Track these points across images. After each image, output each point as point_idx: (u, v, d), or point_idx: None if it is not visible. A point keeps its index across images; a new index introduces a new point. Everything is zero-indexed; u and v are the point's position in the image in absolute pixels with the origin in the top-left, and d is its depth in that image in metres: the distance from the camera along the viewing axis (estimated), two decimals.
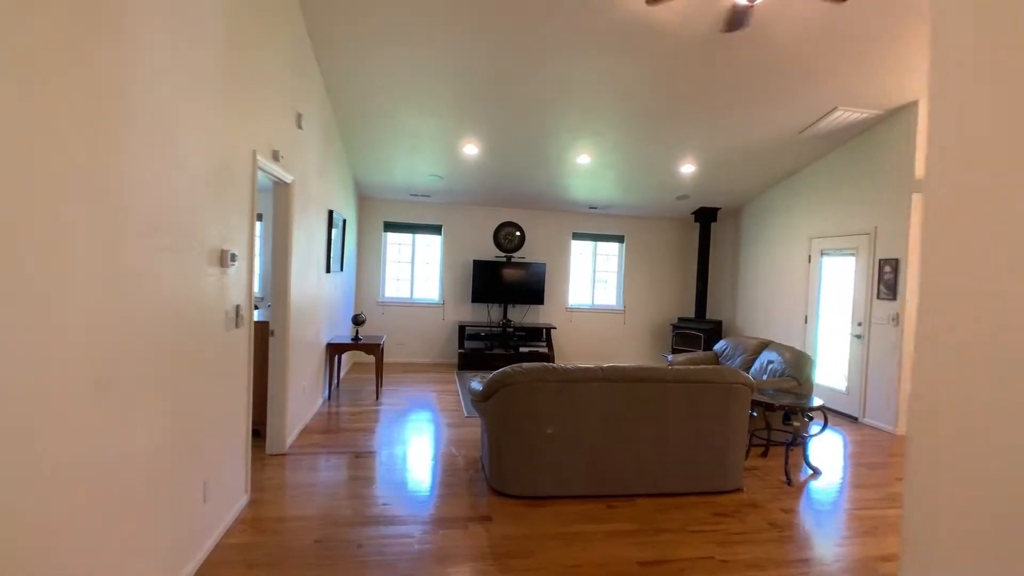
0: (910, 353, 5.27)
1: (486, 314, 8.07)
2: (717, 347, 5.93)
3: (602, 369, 3.40)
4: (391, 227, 7.89)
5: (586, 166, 6.41)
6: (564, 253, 8.32)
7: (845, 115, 5.27)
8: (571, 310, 8.36)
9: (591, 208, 8.05)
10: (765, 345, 5.40)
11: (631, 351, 8.60)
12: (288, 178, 3.76)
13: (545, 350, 7.67)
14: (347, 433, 4.54)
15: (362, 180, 7.02)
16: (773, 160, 6.34)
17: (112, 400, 1.77)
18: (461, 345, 7.59)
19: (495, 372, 3.40)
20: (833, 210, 6.16)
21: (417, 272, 8.06)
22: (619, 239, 8.50)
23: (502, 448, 3.33)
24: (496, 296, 7.83)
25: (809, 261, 6.53)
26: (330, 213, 5.34)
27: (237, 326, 2.93)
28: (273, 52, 3.35)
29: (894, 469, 4.26)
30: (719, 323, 7.90)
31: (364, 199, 7.77)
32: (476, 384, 3.73)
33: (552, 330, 8.04)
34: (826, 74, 4.54)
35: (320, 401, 5.34)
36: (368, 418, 5.02)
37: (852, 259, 5.90)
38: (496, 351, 7.56)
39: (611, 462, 3.43)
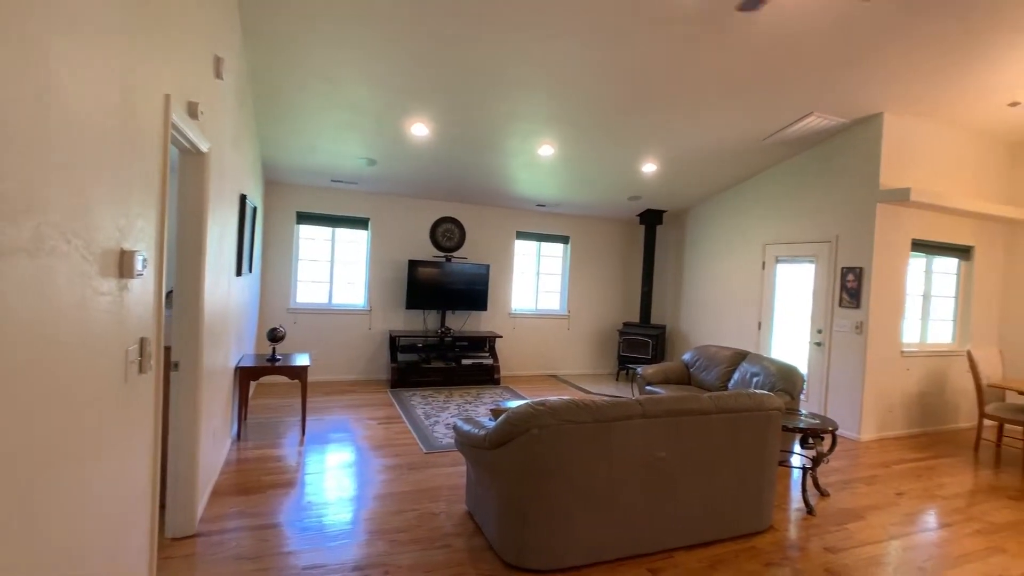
0: (872, 361, 5.31)
1: (422, 322, 7.12)
2: (686, 357, 5.59)
3: (640, 404, 2.76)
4: (306, 219, 6.65)
5: (540, 160, 5.75)
6: (508, 254, 7.61)
7: (817, 122, 5.15)
8: (515, 316, 7.68)
9: (539, 206, 7.43)
10: (743, 356, 5.12)
11: (578, 360, 8.12)
12: (204, 145, 2.66)
13: (490, 361, 6.91)
14: (275, 492, 3.46)
15: (272, 159, 5.75)
16: (734, 164, 6.15)
17: None
18: (393, 358, 6.58)
19: (507, 412, 2.61)
20: (791, 217, 6.10)
21: (338, 273, 6.89)
22: (564, 240, 7.97)
23: (526, 512, 2.56)
24: (434, 301, 6.92)
25: (763, 267, 6.45)
26: (243, 199, 4.15)
27: (142, 370, 1.87)
28: None
29: (889, 481, 4.13)
30: (664, 328, 7.68)
31: (272, 184, 6.46)
32: (468, 427, 2.91)
33: (497, 339, 7.31)
34: (805, 78, 4.31)
35: (228, 444, 4.14)
36: (296, 466, 3.94)
37: (812, 266, 5.86)
38: (435, 364, 6.66)
39: (651, 514, 2.80)
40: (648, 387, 5.19)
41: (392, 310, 6.99)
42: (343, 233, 6.87)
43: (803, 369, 5.80)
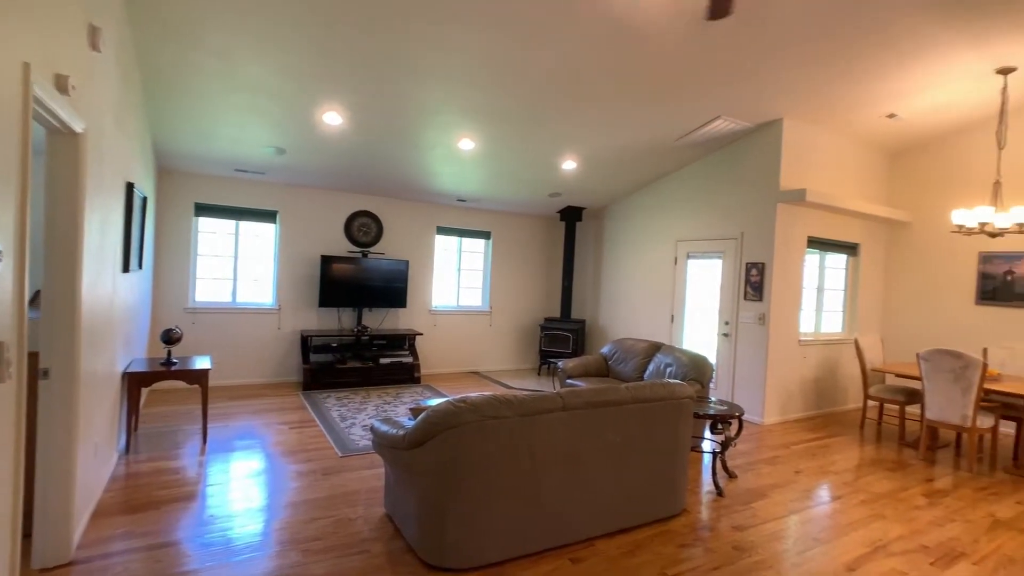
0: (774, 350, 5.75)
1: (336, 320, 6.85)
2: (605, 350, 5.77)
3: (561, 397, 2.80)
4: (206, 211, 6.18)
5: (460, 154, 5.71)
6: (428, 249, 7.49)
7: (724, 125, 5.48)
8: (436, 313, 7.58)
9: (460, 201, 7.37)
10: (657, 348, 5.36)
11: (500, 356, 8.15)
12: (78, 125, 2.38)
13: (410, 359, 6.77)
14: (171, 508, 3.19)
15: (166, 145, 5.29)
16: (649, 163, 6.41)
17: None
18: (306, 359, 6.28)
19: (427, 411, 2.56)
20: (701, 215, 6.46)
21: (243, 270, 6.47)
22: (485, 235, 7.97)
23: (446, 510, 2.52)
24: (349, 299, 6.67)
25: (676, 263, 6.79)
26: (129, 187, 3.78)
27: (0, 379, 1.64)
28: None
29: (789, 461, 4.48)
30: (584, 322, 7.89)
31: (167, 173, 5.94)
32: (386, 428, 2.83)
33: (417, 336, 7.17)
34: (713, 83, 4.59)
35: (115, 459, 3.77)
36: (197, 477, 3.66)
37: (719, 261, 6.24)
38: (351, 364, 6.43)
39: (572, 505, 2.86)
40: (569, 380, 5.31)
41: (304, 309, 6.67)
42: (248, 227, 6.46)
43: (712, 359, 6.17)
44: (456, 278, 7.85)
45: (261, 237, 6.54)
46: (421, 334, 6.99)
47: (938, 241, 6.30)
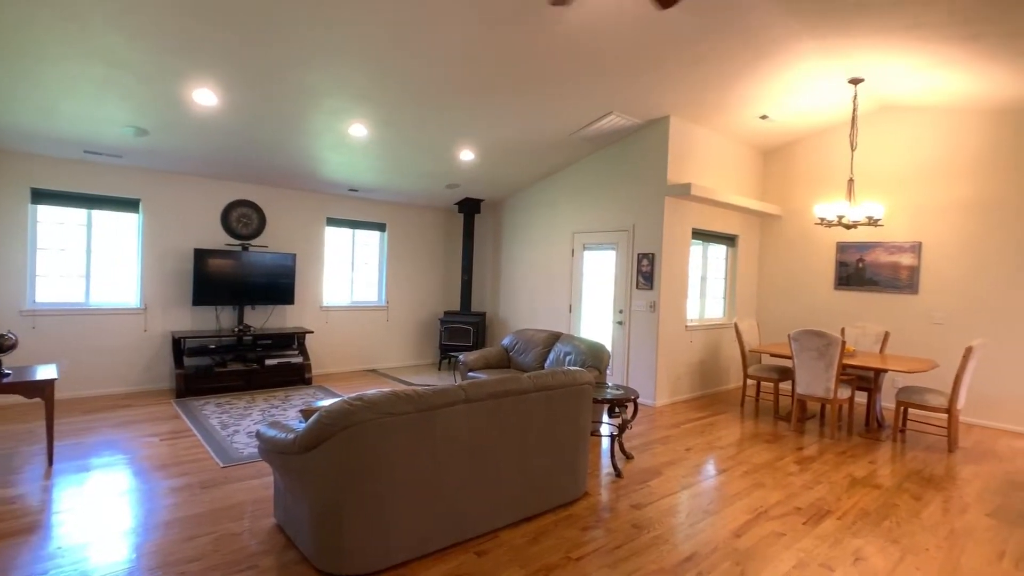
0: (664, 335, 6.13)
1: (214, 320, 6.30)
2: (506, 342, 5.83)
3: (463, 389, 2.77)
4: (47, 198, 5.39)
5: (351, 141, 5.48)
6: (317, 242, 7.11)
7: (616, 120, 5.73)
8: (327, 309, 7.22)
9: (352, 191, 7.06)
10: (556, 338, 5.51)
11: (399, 352, 7.95)
12: None
13: (299, 359, 6.40)
14: (3, 545, 2.76)
15: None
16: (546, 156, 6.55)
17: None
18: (179, 363, 5.72)
19: (320, 411, 2.42)
20: (596, 207, 6.72)
21: (98, 266, 5.74)
22: (380, 227, 7.72)
23: (343, 515, 2.39)
24: (229, 296, 6.16)
25: (573, 254, 7.02)
26: None
27: None
28: None
29: (680, 440, 4.80)
30: (484, 315, 7.93)
31: None
32: (274, 432, 2.64)
33: (307, 335, 6.79)
34: (608, 81, 4.80)
35: None
36: (40, 505, 3.19)
37: (613, 252, 6.54)
38: (232, 367, 5.95)
39: (477, 498, 2.85)
40: (470, 373, 5.30)
41: (175, 308, 6.07)
42: (104, 217, 5.74)
43: (608, 346, 6.46)
44: (350, 272, 7.54)
45: (121, 229, 5.84)
46: (311, 332, 6.64)
47: (804, 232, 7.06)
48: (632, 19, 3.86)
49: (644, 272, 6.15)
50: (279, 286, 6.49)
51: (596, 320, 6.80)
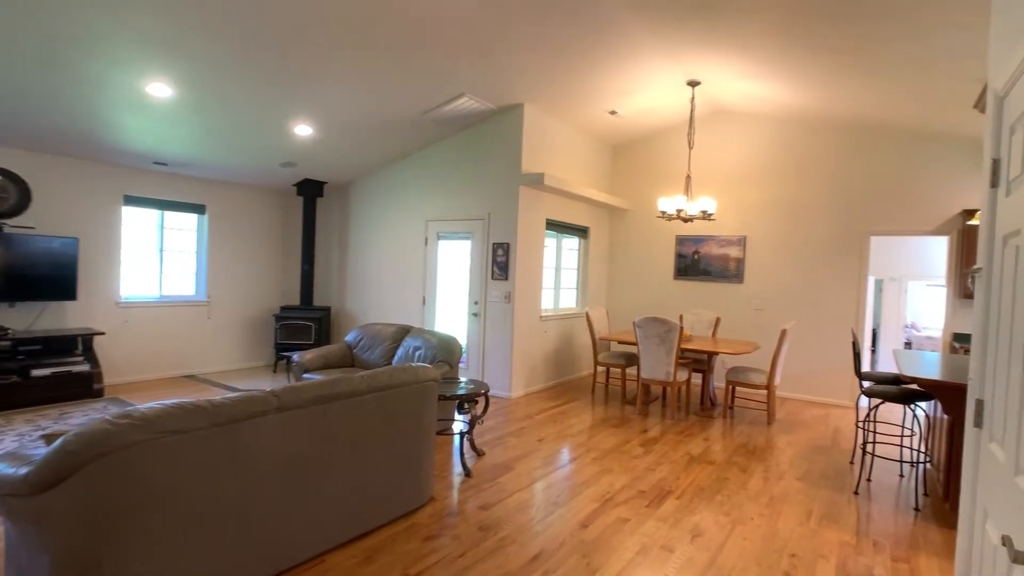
0: (519, 326, 6.10)
1: None
2: (349, 338, 5.38)
3: (276, 395, 2.36)
4: None
5: (153, 102, 4.63)
6: (112, 224, 5.96)
7: (469, 103, 5.54)
8: (127, 306, 6.11)
9: (158, 164, 6.03)
10: (406, 332, 5.19)
11: (225, 354, 7.02)
12: None
13: (86, 367, 5.32)
14: None
15: None
16: (396, 137, 6.16)
17: None
18: None
19: (65, 436, 1.87)
20: (451, 194, 6.49)
21: None
22: (198, 209, 6.72)
23: (100, 568, 1.87)
24: None
25: (426, 243, 6.72)
26: None
27: None
28: None
29: (533, 431, 4.76)
30: (328, 310, 7.32)
31: None
32: (2, 467, 2.02)
33: (96, 337, 5.68)
34: (458, 59, 4.59)
35: None
36: None
37: (469, 242, 6.36)
38: None
39: (295, 520, 2.45)
40: (306, 375, 4.79)
41: None
42: None
43: (463, 339, 6.29)
44: (159, 261, 6.48)
45: None
46: (103, 334, 5.57)
47: (648, 226, 7.48)
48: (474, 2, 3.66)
49: (500, 262, 6.05)
50: (53, 278, 5.31)
51: (451, 312, 6.59)
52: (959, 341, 5.37)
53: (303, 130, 5.61)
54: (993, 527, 1.39)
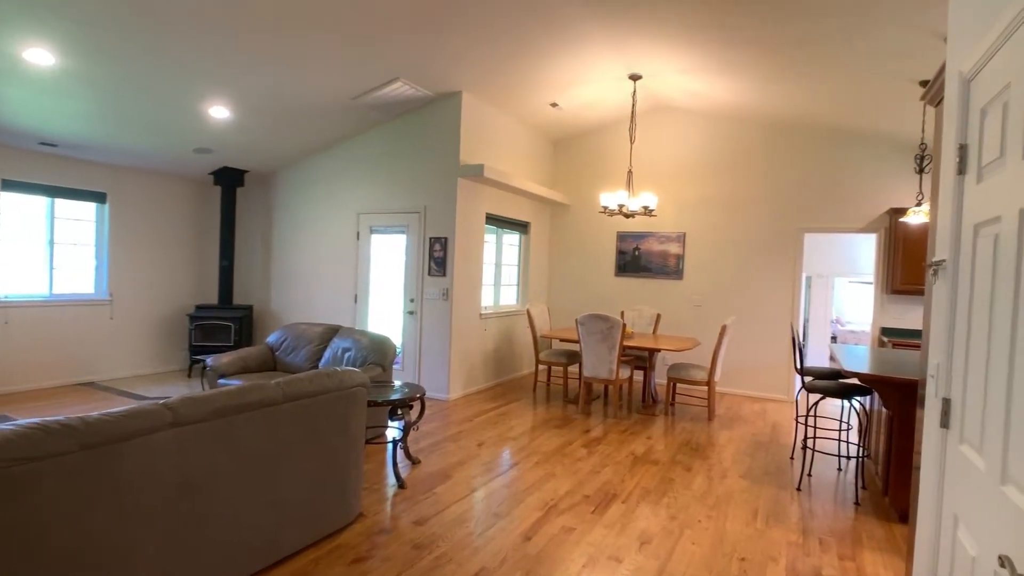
0: (457, 324, 5.85)
1: None
2: (271, 339, 4.97)
3: (170, 408, 2.02)
4: None
5: (34, 71, 4.06)
6: None
7: (403, 89, 5.23)
8: (5, 305, 5.40)
9: (45, 144, 5.35)
10: (334, 332, 4.84)
11: (131, 357, 6.36)
12: None
13: None
14: None
15: None
16: (324, 124, 5.75)
17: None
18: None
19: None
20: (385, 185, 6.14)
21: None
22: (98, 198, 6.04)
23: None
24: None
25: (358, 238, 6.34)
26: None
27: None
28: None
29: (472, 434, 4.54)
30: (250, 309, 6.80)
31: None
32: None
33: None
34: (392, 41, 4.30)
35: None
36: None
37: (404, 236, 6.04)
38: None
39: (194, 553, 2.12)
40: (222, 380, 4.36)
41: None
42: None
43: (398, 339, 5.98)
44: (47, 255, 5.77)
45: None
46: None
47: (590, 221, 7.40)
48: None
49: (437, 258, 5.78)
50: None
51: (385, 311, 6.25)
52: (887, 335, 5.58)
53: (219, 112, 5.13)
54: (970, 537, 1.30)
